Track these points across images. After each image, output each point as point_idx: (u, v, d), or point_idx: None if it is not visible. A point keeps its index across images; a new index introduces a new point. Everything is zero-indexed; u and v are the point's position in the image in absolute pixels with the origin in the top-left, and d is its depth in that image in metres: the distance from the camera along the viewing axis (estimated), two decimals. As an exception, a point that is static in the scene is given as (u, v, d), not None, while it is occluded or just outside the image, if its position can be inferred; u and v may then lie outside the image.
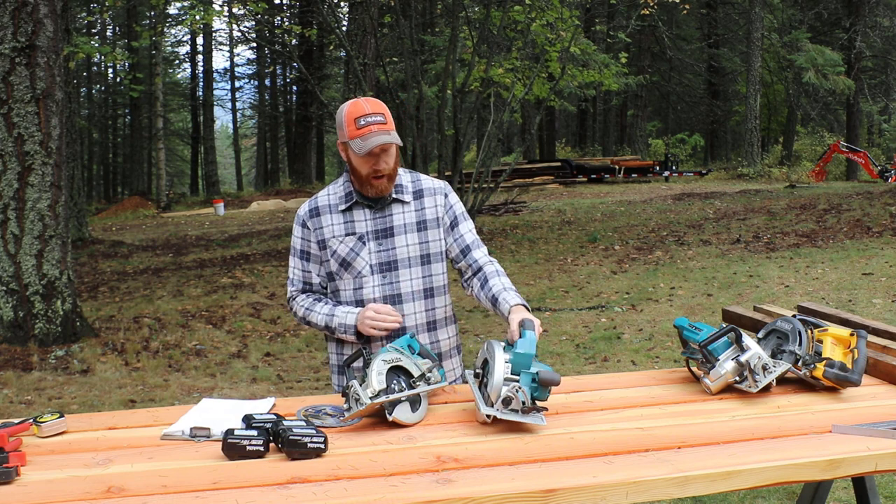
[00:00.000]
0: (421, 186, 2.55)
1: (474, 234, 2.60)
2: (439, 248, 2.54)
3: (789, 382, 2.32)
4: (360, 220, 2.49)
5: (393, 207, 2.50)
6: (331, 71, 33.78)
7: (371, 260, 2.48)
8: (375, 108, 2.40)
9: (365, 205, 2.49)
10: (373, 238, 2.48)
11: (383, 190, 2.46)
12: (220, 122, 51.63)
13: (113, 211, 24.08)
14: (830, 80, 24.52)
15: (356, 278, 2.49)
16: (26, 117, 6.61)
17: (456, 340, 2.64)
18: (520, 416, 1.96)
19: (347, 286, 2.51)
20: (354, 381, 2.05)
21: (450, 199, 2.58)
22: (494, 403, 1.97)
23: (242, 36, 30.52)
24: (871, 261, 9.06)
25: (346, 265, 2.49)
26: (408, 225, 2.50)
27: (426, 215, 2.52)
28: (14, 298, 6.64)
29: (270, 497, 1.63)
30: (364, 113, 2.38)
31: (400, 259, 2.48)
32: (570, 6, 14.12)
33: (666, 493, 1.70)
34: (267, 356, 6.73)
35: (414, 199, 2.53)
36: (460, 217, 2.58)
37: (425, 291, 2.52)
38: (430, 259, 2.52)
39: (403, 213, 2.51)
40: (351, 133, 2.39)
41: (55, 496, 1.65)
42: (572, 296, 8.60)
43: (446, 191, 2.58)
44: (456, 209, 2.58)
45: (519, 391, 1.96)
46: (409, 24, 13.97)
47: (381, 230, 2.49)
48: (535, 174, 25.05)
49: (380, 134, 2.36)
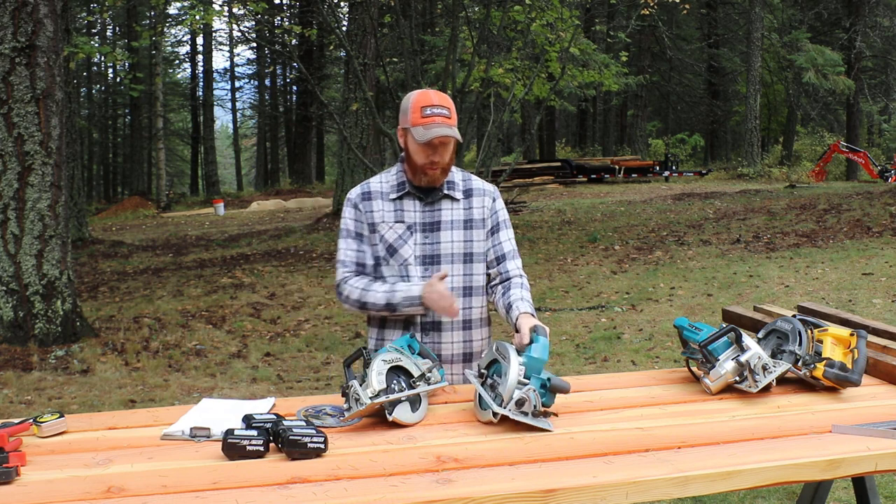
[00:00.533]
0: (471, 186, 2.59)
1: (513, 244, 2.62)
2: (482, 248, 2.57)
3: (789, 382, 2.32)
4: (409, 211, 2.52)
5: (443, 203, 2.54)
6: (331, 71, 33.80)
7: (416, 251, 2.50)
8: (442, 101, 2.44)
9: (416, 196, 2.53)
10: (420, 230, 2.51)
11: (435, 181, 2.49)
12: (220, 122, 51.67)
13: (113, 211, 24.08)
14: (830, 80, 24.52)
15: (401, 266, 2.51)
16: (26, 117, 6.60)
17: (488, 342, 2.64)
18: (530, 418, 1.97)
19: (392, 272, 2.52)
20: (354, 381, 2.05)
21: (497, 203, 2.61)
22: (507, 404, 1.98)
23: (242, 36, 30.53)
24: (871, 261, 9.06)
25: (392, 251, 2.51)
26: (455, 222, 2.53)
27: (473, 215, 2.55)
28: (14, 298, 6.64)
29: (270, 497, 1.63)
30: (431, 103, 2.43)
31: (444, 254, 2.51)
32: (570, 6, 14.12)
33: (666, 493, 1.70)
34: (267, 356, 6.73)
35: (464, 197, 2.56)
36: (503, 224, 2.61)
37: (464, 289, 2.54)
38: (473, 258, 2.55)
39: (452, 210, 2.54)
40: (415, 120, 2.43)
41: (55, 496, 1.65)
42: (572, 296, 8.60)
43: (495, 195, 2.62)
44: (500, 215, 2.60)
45: (533, 394, 1.97)
46: (409, 24, 13.97)
47: (429, 223, 2.52)
48: (535, 174, 25.05)
49: (442, 126, 2.41)
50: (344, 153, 16.27)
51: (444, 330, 2.51)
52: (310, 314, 8.19)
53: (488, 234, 2.58)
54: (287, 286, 9.69)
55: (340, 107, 17.45)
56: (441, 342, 2.50)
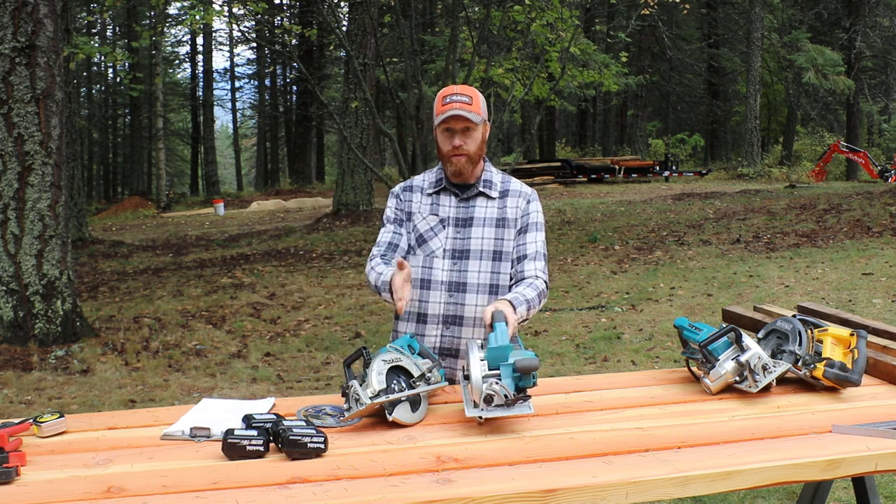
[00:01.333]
0: (509, 188, 2.63)
1: (538, 247, 2.58)
2: (511, 247, 2.58)
3: (789, 382, 2.32)
4: (444, 205, 2.59)
5: (478, 200, 2.58)
6: (331, 71, 33.80)
7: (446, 245, 2.55)
8: (464, 91, 2.50)
9: (452, 192, 2.59)
10: (452, 224, 2.57)
11: (461, 169, 2.53)
12: (220, 122, 51.67)
13: (113, 211, 24.08)
14: (830, 80, 24.52)
15: (427, 257, 2.55)
16: (26, 117, 6.60)
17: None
18: (505, 409, 1.95)
19: (417, 263, 2.56)
20: (354, 382, 2.05)
21: (531, 206, 2.61)
22: (478, 404, 1.97)
23: (242, 36, 30.53)
24: (871, 261, 9.06)
25: (421, 242, 2.57)
26: (487, 219, 2.56)
27: (507, 214, 2.58)
28: (14, 298, 6.64)
29: (270, 497, 1.63)
30: (453, 92, 2.50)
31: (473, 250, 2.54)
32: (570, 6, 14.12)
33: (666, 493, 1.70)
34: (267, 356, 6.73)
35: (500, 196, 2.60)
36: (533, 226, 2.60)
37: (490, 287, 2.54)
38: (502, 257, 2.56)
39: (486, 208, 2.58)
40: (437, 110, 2.50)
41: (55, 496, 1.65)
42: (572, 296, 8.60)
43: (531, 198, 2.62)
44: (532, 217, 2.60)
45: (499, 385, 1.95)
46: (409, 24, 13.98)
47: (462, 219, 2.57)
48: (535, 174, 25.04)
49: (457, 109, 2.45)
50: (344, 153, 16.28)
51: (466, 325, 2.52)
52: (310, 314, 8.19)
53: (517, 233, 2.59)
54: (287, 286, 9.69)
55: (340, 107, 17.45)
56: (461, 336, 2.51)
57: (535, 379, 2.02)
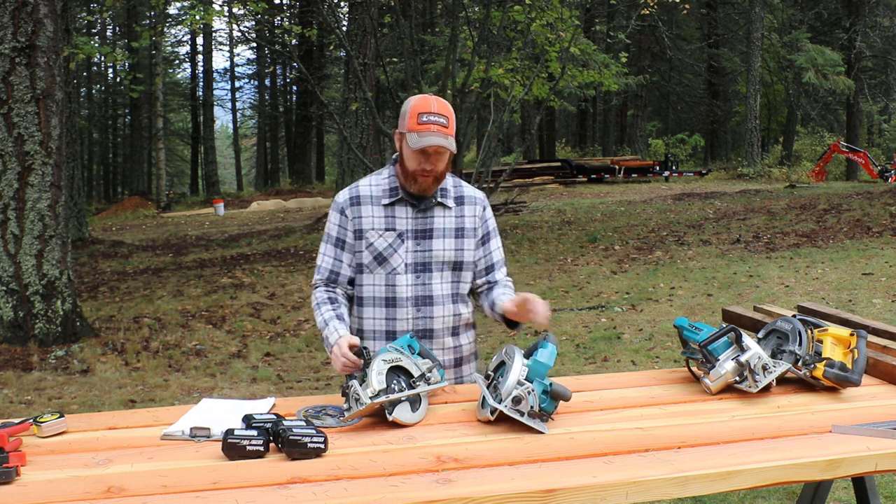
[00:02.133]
0: (462, 193, 2.59)
1: (501, 253, 2.65)
2: (472, 257, 2.57)
3: (789, 382, 2.32)
4: (401, 218, 2.50)
5: (435, 210, 2.52)
6: (331, 71, 33.79)
7: (407, 259, 2.49)
8: (441, 110, 2.40)
9: (409, 202, 2.50)
10: (412, 237, 2.50)
11: (427, 189, 2.47)
12: (220, 122, 51.65)
13: (113, 211, 24.08)
14: (830, 80, 24.51)
15: (389, 275, 2.49)
16: (26, 117, 6.61)
17: (474, 346, 2.67)
18: (525, 418, 1.97)
19: (379, 281, 2.50)
20: (354, 381, 2.05)
21: (486, 212, 2.61)
22: (504, 401, 1.98)
23: (242, 36, 30.54)
24: (871, 261, 9.05)
25: (381, 260, 2.49)
26: (447, 230, 2.53)
27: (465, 223, 2.55)
28: (14, 298, 6.64)
29: (270, 497, 1.63)
30: (429, 110, 2.39)
31: (434, 262, 2.51)
32: (570, 6, 14.12)
33: (666, 493, 1.70)
34: (267, 356, 6.73)
35: (456, 205, 2.55)
36: (492, 233, 2.62)
37: (453, 297, 2.54)
38: (463, 266, 2.55)
39: (444, 218, 2.53)
40: (410, 126, 2.40)
41: (55, 496, 1.65)
42: (572, 296, 8.60)
43: (485, 203, 2.62)
44: (490, 224, 2.61)
45: (531, 394, 1.97)
46: (409, 24, 13.98)
47: (421, 231, 2.51)
48: (535, 174, 25.04)
49: (437, 135, 2.37)
50: (344, 153, 16.27)
51: (436, 337, 2.52)
52: (310, 314, 8.19)
53: (478, 243, 2.58)
54: (287, 286, 9.69)
55: (340, 107, 17.44)
56: (432, 349, 2.50)
57: (555, 408, 2.05)
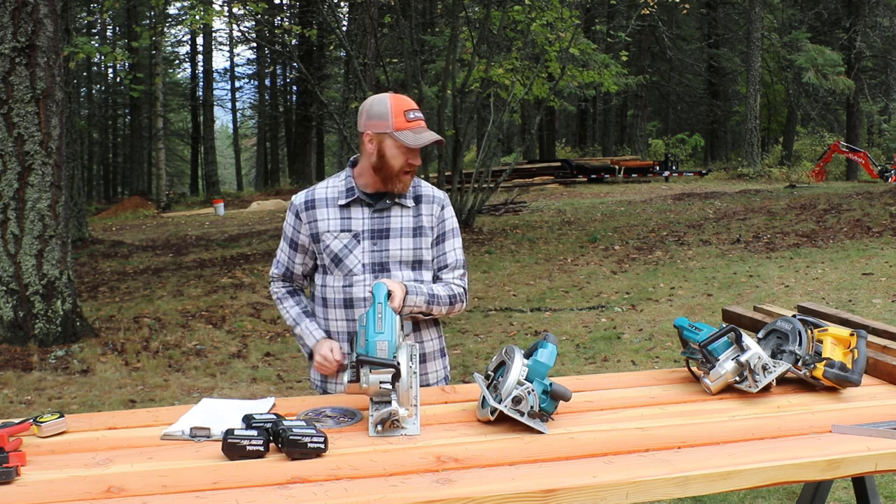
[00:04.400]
0: (421, 192, 2.56)
1: (458, 254, 2.59)
2: (430, 255, 2.55)
3: (789, 382, 2.32)
4: (357, 218, 2.48)
5: (392, 210, 2.50)
6: (331, 71, 33.77)
7: (364, 259, 2.47)
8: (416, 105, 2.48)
9: (365, 203, 2.49)
10: (368, 237, 2.48)
11: (406, 186, 2.48)
12: (220, 122, 51.66)
13: (113, 211, 24.07)
14: (830, 80, 24.51)
15: (347, 276, 2.48)
16: (26, 117, 6.60)
17: (440, 343, 2.64)
18: (525, 418, 1.97)
19: (338, 283, 2.50)
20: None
21: (445, 212, 2.57)
22: (504, 400, 1.98)
23: (242, 36, 30.50)
24: (871, 261, 9.06)
25: (337, 261, 2.48)
26: (404, 229, 2.50)
27: (423, 222, 2.52)
28: (14, 298, 6.64)
29: (270, 497, 1.63)
30: (412, 107, 2.43)
31: (392, 261, 2.48)
32: (570, 6, 14.12)
33: (666, 493, 1.70)
34: (267, 356, 6.73)
35: (414, 204, 2.53)
36: (450, 233, 2.58)
37: None
38: (421, 266, 2.53)
39: (401, 217, 2.50)
40: (399, 124, 2.39)
41: (55, 496, 1.65)
42: (572, 296, 8.60)
43: (444, 202, 2.58)
44: (448, 224, 2.58)
45: (531, 394, 1.97)
46: (409, 24, 13.98)
47: (378, 230, 2.48)
48: (535, 174, 25.03)
49: (430, 131, 2.44)
50: (344, 153, 16.28)
51: None
52: (310, 314, 8.19)
53: (434, 242, 2.56)
54: (287, 286, 9.67)
55: (340, 107, 17.44)
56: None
57: (555, 408, 2.05)
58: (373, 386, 1.99)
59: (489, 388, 2.08)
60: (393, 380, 1.98)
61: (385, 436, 1.97)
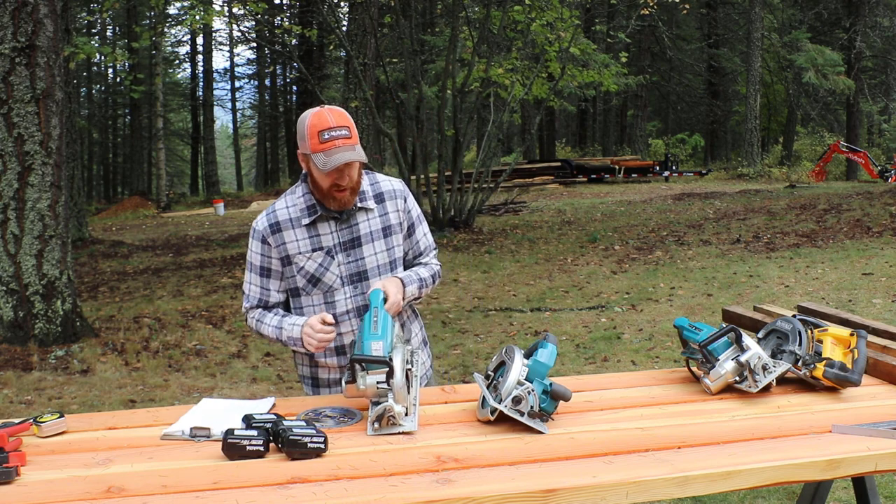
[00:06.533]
0: (381, 189, 2.51)
1: (428, 239, 2.63)
2: (402, 251, 2.56)
3: (789, 382, 2.32)
4: (325, 234, 2.43)
5: (358, 216, 2.46)
6: (331, 71, 33.75)
7: (341, 272, 2.44)
8: (340, 121, 2.31)
9: (330, 217, 2.43)
10: (341, 250, 2.44)
11: (346, 203, 2.40)
12: (220, 122, 51.65)
13: (113, 211, 24.07)
14: (830, 80, 24.51)
15: (326, 293, 2.45)
16: (26, 117, 6.60)
17: (422, 334, 2.67)
18: (525, 418, 1.97)
19: (317, 301, 2.46)
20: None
21: (408, 202, 2.56)
22: (504, 400, 1.99)
23: (242, 36, 30.51)
24: (871, 261, 9.05)
25: (315, 281, 2.44)
26: (374, 233, 2.47)
27: (390, 220, 2.50)
28: (14, 298, 6.64)
29: (270, 497, 1.63)
30: (328, 126, 2.29)
31: (370, 268, 2.46)
32: (570, 6, 14.12)
33: (666, 493, 1.70)
34: (267, 356, 6.73)
35: (377, 203, 2.49)
36: (417, 221, 2.59)
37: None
38: (396, 264, 2.52)
39: (369, 221, 2.47)
40: (313, 146, 2.30)
41: (55, 496, 1.65)
42: (572, 296, 8.60)
43: (405, 194, 2.56)
44: (413, 213, 2.57)
45: (531, 394, 1.97)
46: (409, 24, 13.99)
47: (349, 241, 2.45)
48: (535, 174, 25.04)
49: (344, 150, 2.29)
50: (344, 153, 16.25)
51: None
52: (310, 314, 8.18)
53: (405, 235, 2.56)
54: (287, 286, 9.67)
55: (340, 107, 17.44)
56: None
57: (555, 408, 2.05)
58: (370, 387, 2.01)
59: (489, 388, 2.08)
60: (387, 378, 2.00)
61: (384, 434, 1.97)
